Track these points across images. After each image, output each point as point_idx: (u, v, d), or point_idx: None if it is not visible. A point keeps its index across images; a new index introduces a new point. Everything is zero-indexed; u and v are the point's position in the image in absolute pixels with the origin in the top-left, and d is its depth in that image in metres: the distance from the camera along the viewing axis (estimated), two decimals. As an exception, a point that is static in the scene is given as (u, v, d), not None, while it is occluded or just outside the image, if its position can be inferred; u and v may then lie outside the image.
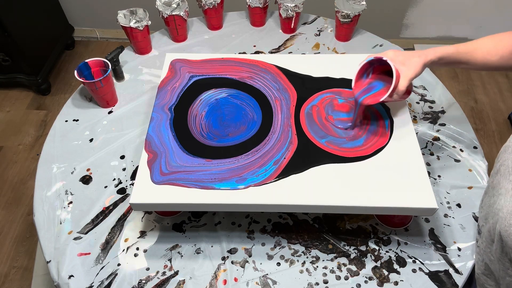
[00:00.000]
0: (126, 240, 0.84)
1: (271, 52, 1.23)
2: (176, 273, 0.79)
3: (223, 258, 0.81)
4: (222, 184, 0.75)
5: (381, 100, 0.77)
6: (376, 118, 0.86)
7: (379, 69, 0.82)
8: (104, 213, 0.88)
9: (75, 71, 1.01)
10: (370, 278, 0.78)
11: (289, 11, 1.22)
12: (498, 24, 2.02)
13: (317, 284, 0.78)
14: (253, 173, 0.77)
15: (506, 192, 0.59)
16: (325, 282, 0.78)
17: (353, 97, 0.83)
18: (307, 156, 0.80)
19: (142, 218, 0.87)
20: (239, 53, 1.22)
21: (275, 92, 0.93)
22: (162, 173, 0.77)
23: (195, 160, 0.80)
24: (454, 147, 0.99)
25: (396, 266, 0.80)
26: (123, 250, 0.82)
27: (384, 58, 0.77)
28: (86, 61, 1.03)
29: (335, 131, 0.84)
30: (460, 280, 0.78)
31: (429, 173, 0.94)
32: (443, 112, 1.07)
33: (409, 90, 0.84)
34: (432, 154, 0.98)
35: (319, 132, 0.84)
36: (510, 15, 1.99)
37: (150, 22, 1.16)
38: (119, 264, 0.80)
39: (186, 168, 0.78)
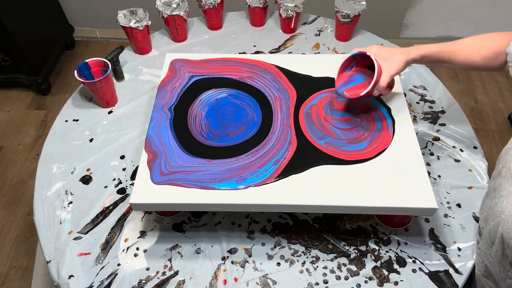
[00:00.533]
0: (126, 240, 0.84)
1: (271, 52, 1.23)
2: (176, 273, 0.79)
3: (223, 258, 0.81)
4: (222, 184, 0.75)
5: (362, 94, 0.79)
6: (380, 119, 0.86)
7: (362, 63, 0.83)
8: (104, 213, 0.88)
9: (75, 71, 1.01)
10: (370, 278, 0.78)
11: (289, 11, 1.22)
12: (497, 24, 2.02)
13: (317, 284, 0.78)
14: (253, 173, 0.77)
15: (508, 194, 0.59)
16: (325, 282, 0.78)
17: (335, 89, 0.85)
18: (306, 157, 0.80)
19: (142, 218, 0.88)
20: (239, 53, 1.22)
21: (275, 92, 0.93)
22: (162, 173, 0.77)
23: (195, 160, 0.80)
24: (454, 147, 0.99)
25: (396, 266, 0.80)
26: (123, 250, 0.82)
27: (368, 53, 0.78)
28: (86, 61, 1.03)
29: (334, 131, 0.84)
30: (460, 280, 0.78)
31: (429, 173, 0.94)
32: (443, 112, 1.07)
33: (391, 86, 0.86)
34: (432, 154, 0.98)
35: (318, 133, 0.84)
36: (509, 15, 1.99)
37: (150, 22, 1.16)
38: (119, 264, 0.80)
39: (186, 168, 0.78)
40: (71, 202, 0.89)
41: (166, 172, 0.77)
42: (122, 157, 0.97)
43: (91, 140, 1.00)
